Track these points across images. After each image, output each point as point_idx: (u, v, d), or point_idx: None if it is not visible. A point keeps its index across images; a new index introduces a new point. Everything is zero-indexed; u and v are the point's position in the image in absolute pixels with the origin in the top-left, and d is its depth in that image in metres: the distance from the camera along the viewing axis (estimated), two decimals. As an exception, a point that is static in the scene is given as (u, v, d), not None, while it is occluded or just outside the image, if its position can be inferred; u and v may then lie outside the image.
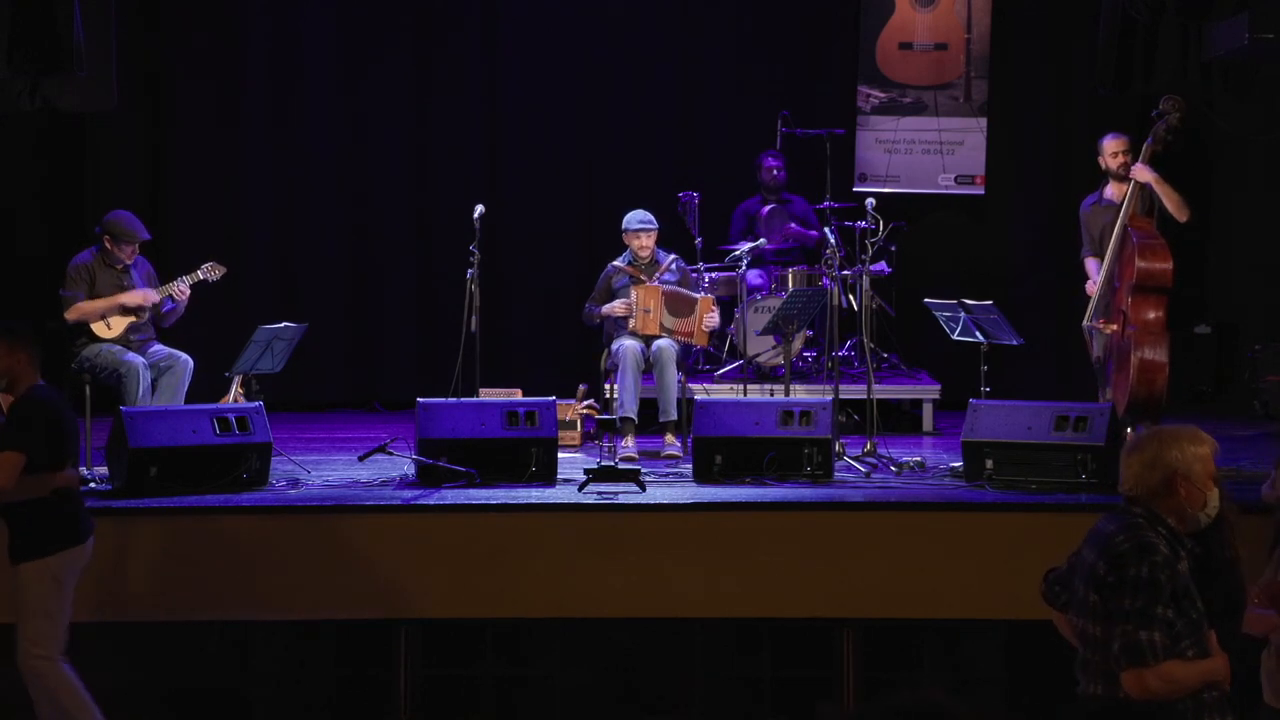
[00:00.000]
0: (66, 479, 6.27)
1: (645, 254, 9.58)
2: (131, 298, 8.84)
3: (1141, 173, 8.54)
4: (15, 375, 6.29)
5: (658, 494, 7.86)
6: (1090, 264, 8.91)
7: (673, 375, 9.15)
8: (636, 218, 9.58)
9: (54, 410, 6.30)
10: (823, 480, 8.15)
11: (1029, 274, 11.38)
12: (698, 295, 9.50)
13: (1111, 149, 8.81)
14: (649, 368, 9.28)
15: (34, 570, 6.22)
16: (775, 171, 10.95)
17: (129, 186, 11.08)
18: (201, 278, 8.99)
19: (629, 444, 9.00)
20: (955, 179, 11.52)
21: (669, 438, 9.12)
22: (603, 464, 7.93)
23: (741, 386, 9.95)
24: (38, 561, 6.21)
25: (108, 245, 8.87)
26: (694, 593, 7.49)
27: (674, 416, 9.13)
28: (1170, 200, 8.50)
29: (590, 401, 9.67)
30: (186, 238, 11.04)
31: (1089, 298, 8.71)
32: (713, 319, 9.45)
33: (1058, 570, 4.44)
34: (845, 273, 10.17)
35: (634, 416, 9.07)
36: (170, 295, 8.93)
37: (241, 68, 11.38)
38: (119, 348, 8.81)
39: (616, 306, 9.46)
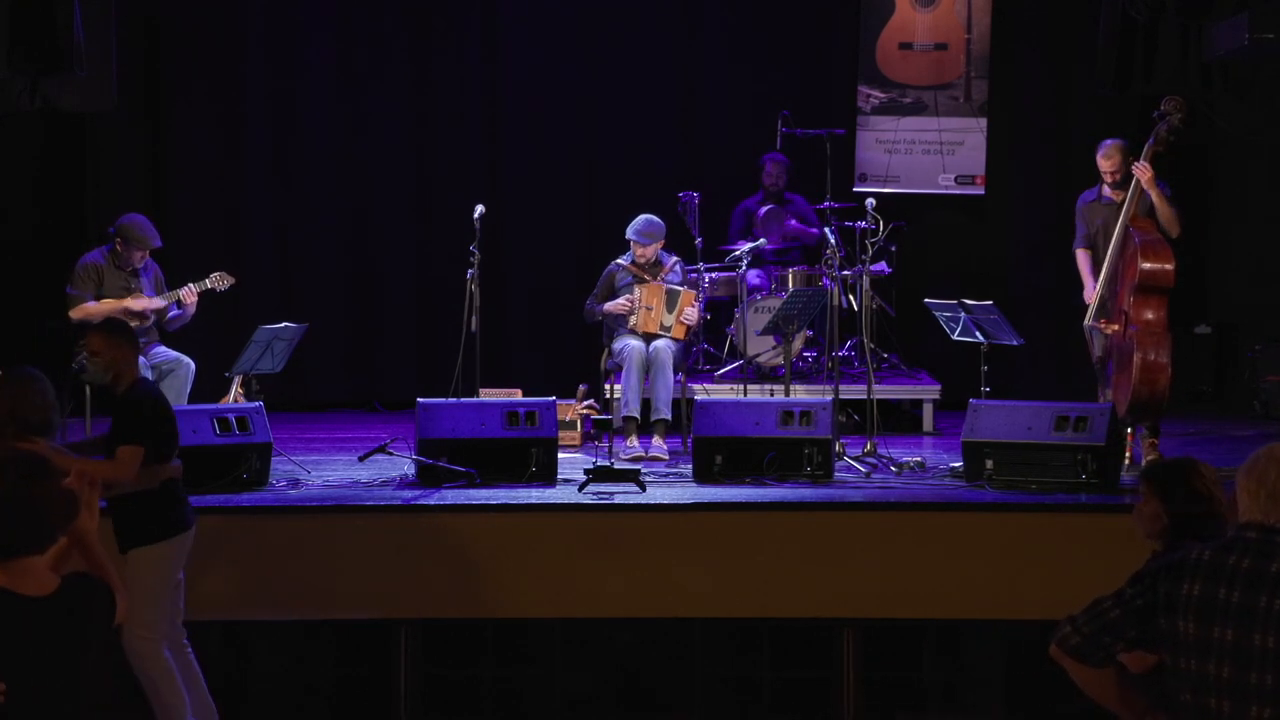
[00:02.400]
0: (174, 470, 6.36)
1: (646, 261, 9.58)
2: (137, 303, 8.86)
3: (1147, 177, 8.48)
4: (120, 369, 6.36)
5: (658, 494, 7.86)
6: (1081, 256, 8.87)
7: (669, 375, 9.14)
8: (639, 228, 9.53)
9: (161, 403, 6.39)
10: (823, 480, 8.16)
11: (1029, 274, 11.37)
12: (680, 290, 9.49)
13: (1101, 164, 8.74)
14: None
15: (144, 557, 6.28)
16: (778, 178, 10.91)
17: (129, 186, 11.08)
18: (210, 286, 9.01)
19: (633, 443, 9.01)
20: (955, 179, 11.52)
21: (656, 439, 9.11)
22: (599, 464, 7.94)
23: (741, 386, 9.95)
24: (148, 548, 6.28)
25: (119, 248, 8.89)
26: (694, 593, 7.50)
27: (666, 416, 9.12)
28: (1165, 216, 8.47)
29: (590, 401, 9.66)
30: (186, 237, 11.02)
31: (1088, 302, 8.69)
32: (690, 313, 9.42)
33: (1088, 619, 3.90)
34: (845, 273, 10.17)
35: (638, 416, 9.08)
36: (177, 301, 8.95)
37: (241, 67, 11.37)
38: (121, 349, 8.81)
39: (619, 304, 9.46)
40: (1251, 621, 3.70)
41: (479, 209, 9.18)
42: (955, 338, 9.00)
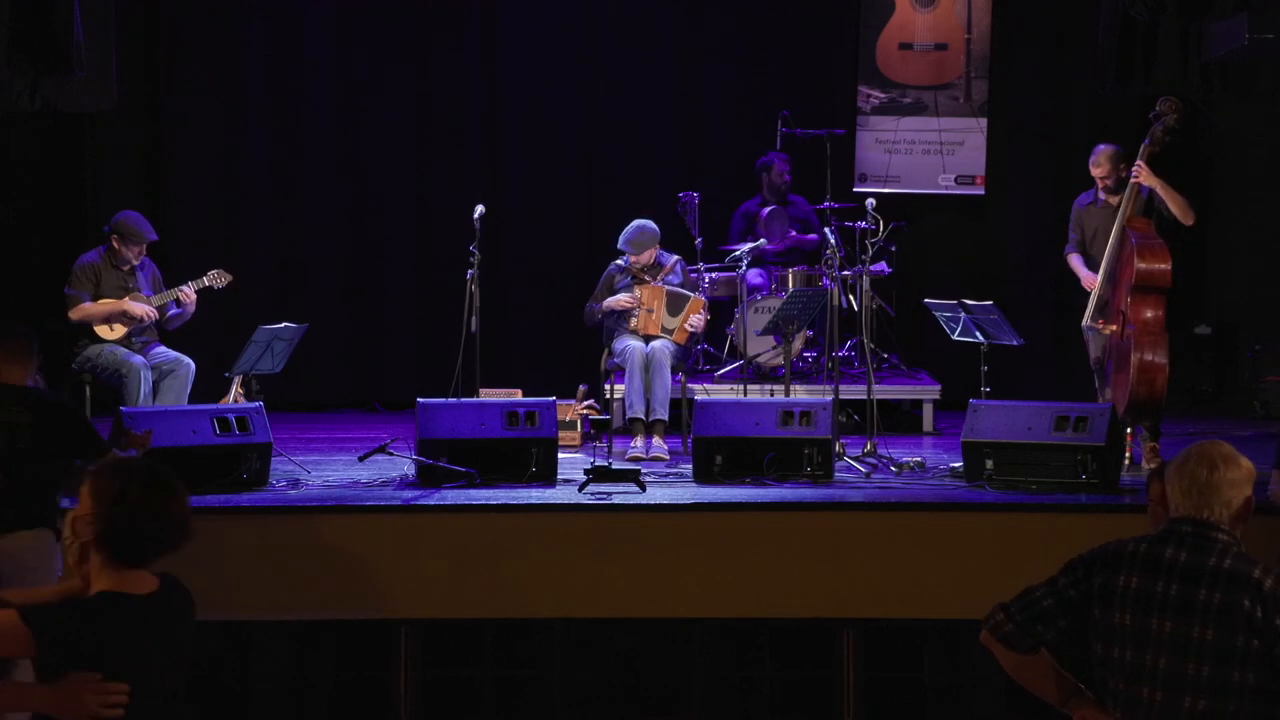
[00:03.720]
0: None
1: (642, 265, 9.55)
2: (136, 309, 8.86)
3: (1144, 174, 8.49)
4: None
5: (658, 494, 7.86)
6: (1074, 260, 8.87)
7: (666, 376, 9.14)
8: (629, 237, 9.48)
9: None
10: (823, 480, 8.15)
11: (1029, 274, 11.38)
12: (691, 295, 9.50)
13: (1092, 170, 8.75)
14: (651, 366, 9.28)
15: None
16: (787, 175, 10.91)
17: (129, 186, 11.08)
18: (208, 284, 9.02)
19: (638, 444, 9.01)
20: (955, 179, 11.53)
21: (656, 439, 9.11)
22: (599, 464, 7.95)
23: (741, 386, 9.95)
24: None
25: (115, 245, 8.90)
26: (694, 593, 7.49)
27: (663, 416, 9.11)
28: (1175, 204, 8.47)
29: (590, 402, 9.66)
30: (186, 238, 11.05)
31: (1089, 292, 8.68)
32: (696, 321, 9.42)
33: (1020, 607, 3.94)
34: (845, 273, 10.18)
35: (644, 417, 9.08)
36: (176, 300, 8.95)
37: (241, 68, 11.38)
38: (121, 349, 8.83)
39: (621, 299, 9.44)
40: (1190, 614, 3.74)
41: (479, 209, 9.18)
42: (955, 338, 9.00)
